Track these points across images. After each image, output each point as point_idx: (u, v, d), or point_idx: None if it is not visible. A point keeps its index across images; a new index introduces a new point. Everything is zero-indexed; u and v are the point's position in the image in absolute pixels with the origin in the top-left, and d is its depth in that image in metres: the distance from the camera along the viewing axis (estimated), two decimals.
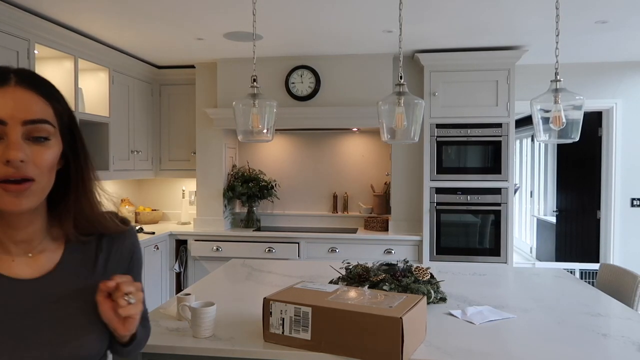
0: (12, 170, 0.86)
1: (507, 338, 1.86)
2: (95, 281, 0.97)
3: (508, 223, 4.28)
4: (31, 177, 0.88)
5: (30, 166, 0.88)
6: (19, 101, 0.88)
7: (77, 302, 0.97)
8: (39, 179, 0.90)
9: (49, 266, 0.98)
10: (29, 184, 0.88)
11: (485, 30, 3.75)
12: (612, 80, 4.73)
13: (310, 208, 5.08)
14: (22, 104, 0.88)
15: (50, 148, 0.91)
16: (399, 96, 2.35)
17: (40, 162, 0.89)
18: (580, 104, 2.18)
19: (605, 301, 2.36)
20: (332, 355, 1.63)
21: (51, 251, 0.99)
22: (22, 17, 3.20)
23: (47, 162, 0.90)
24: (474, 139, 4.30)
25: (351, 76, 4.51)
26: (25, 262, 0.96)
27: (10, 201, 0.87)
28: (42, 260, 0.97)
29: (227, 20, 3.52)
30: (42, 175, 0.90)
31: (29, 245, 0.97)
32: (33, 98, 0.90)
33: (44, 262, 0.97)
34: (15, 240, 0.95)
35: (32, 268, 0.96)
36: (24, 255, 0.96)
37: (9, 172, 0.86)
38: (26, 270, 0.95)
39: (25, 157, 0.86)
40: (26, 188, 0.88)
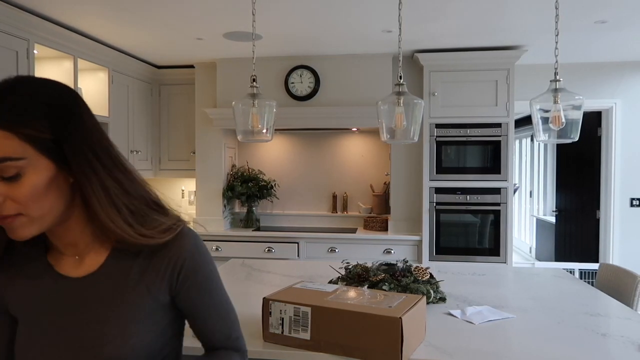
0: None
1: (506, 338, 1.86)
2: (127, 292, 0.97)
3: (507, 223, 4.28)
4: (13, 213, 0.86)
5: (8, 203, 0.85)
6: None
7: (106, 309, 0.96)
8: (26, 212, 0.87)
9: (92, 269, 0.99)
10: (16, 218, 0.87)
11: (484, 30, 3.75)
12: (611, 80, 4.73)
13: (310, 208, 5.09)
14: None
15: (25, 182, 0.85)
16: (398, 96, 2.35)
17: (18, 197, 0.86)
18: (580, 104, 2.18)
19: (605, 301, 2.36)
20: (331, 355, 1.63)
21: (97, 254, 0.99)
22: (22, 17, 3.20)
23: (25, 196, 0.86)
24: (474, 139, 4.30)
25: (351, 76, 4.51)
26: (73, 262, 0.99)
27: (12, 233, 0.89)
28: (87, 262, 0.99)
29: (226, 20, 3.52)
30: (27, 208, 0.87)
31: (76, 248, 0.99)
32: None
33: (89, 264, 0.99)
34: (64, 243, 0.98)
35: (78, 269, 0.99)
36: (72, 256, 1.00)
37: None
38: (73, 270, 0.99)
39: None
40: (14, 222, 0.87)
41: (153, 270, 0.99)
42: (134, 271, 0.98)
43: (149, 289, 0.99)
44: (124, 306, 0.96)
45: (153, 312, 0.99)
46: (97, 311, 0.95)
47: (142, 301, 0.98)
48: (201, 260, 1.04)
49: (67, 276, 0.98)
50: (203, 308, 1.06)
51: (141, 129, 4.81)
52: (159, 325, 1.01)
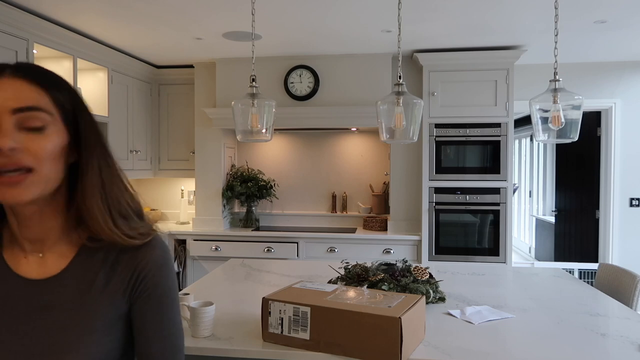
0: (3, 159, 0.82)
1: (506, 338, 1.86)
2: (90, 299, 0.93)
3: (507, 223, 4.28)
4: (28, 166, 0.84)
5: (25, 154, 0.84)
6: (9, 90, 0.84)
7: (66, 315, 0.91)
8: (38, 169, 0.85)
9: (54, 271, 0.93)
10: (25, 175, 0.84)
11: (484, 30, 3.75)
12: (611, 80, 4.74)
13: (309, 208, 5.08)
14: (12, 93, 0.84)
15: (47, 137, 0.86)
16: (397, 96, 2.35)
17: (36, 150, 0.85)
18: (579, 104, 2.18)
19: (604, 301, 2.36)
20: (330, 355, 1.63)
21: (62, 255, 0.95)
22: (21, 16, 3.19)
23: (45, 150, 0.86)
24: (473, 139, 4.30)
25: (350, 76, 4.51)
26: (35, 262, 0.94)
27: (8, 194, 0.84)
28: (50, 263, 0.94)
29: (226, 20, 3.52)
30: (42, 164, 0.85)
31: (42, 245, 0.94)
32: (24, 86, 0.86)
33: (52, 265, 0.94)
34: (28, 238, 0.93)
35: (40, 269, 0.93)
36: (35, 253, 0.94)
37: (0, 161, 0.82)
38: (34, 271, 0.93)
39: (16, 144, 0.83)
40: (22, 179, 0.84)
41: (118, 277, 0.95)
42: (100, 277, 0.94)
43: (113, 297, 0.95)
44: (88, 313, 0.92)
45: (114, 321, 0.95)
46: (59, 317, 0.90)
47: (105, 309, 0.94)
48: (165, 274, 0.99)
49: (27, 278, 0.92)
50: (152, 325, 0.97)
51: (140, 129, 4.81)
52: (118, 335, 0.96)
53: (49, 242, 0.94)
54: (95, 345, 0.91)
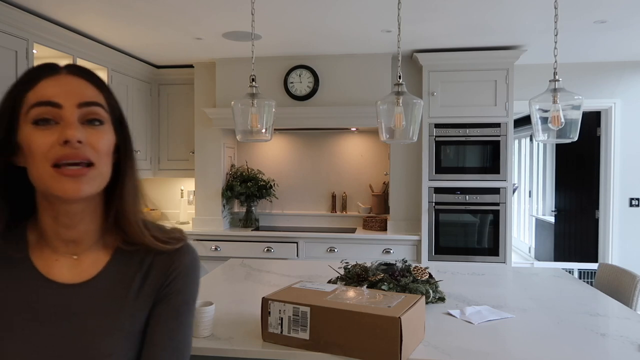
0: (71, 150, 0.82)
1: (505, 338, 1.86)
2: (127, 304, 0.90)
3: (507, 223, 4.28)
4: (90, 159, 0.84)
5: (88, 149, 0.84)
6: (72, 86, 0.86)
7: (103, 321, 0.88)
8: (98, 164, 0.86)
9: (89, 274, 0.90)
10: (88, 169, 0.84)
11: (484, 30, 3.75)
12: (610, 80, 4.74)
13: (309, 208, 5.08)
14: (76, 88, 0.86)
15: (105, 133, 0.88)
16: (397, 96, 2.35)
17: (97, 144, 0.85)
18: (579, 104, 2.18)
19: (604, 301, 2.37)
20: (330, 355, 1.63)
21: (97, 258, 0.92)
22: (21, 16, 3.19)
23: (104, 146, 0.87)
24: (473, 139, 4.30)
25: (350, 76, 4.51)
26: (68, 264, 0.90)
27: (69, 186, 0.82)
28: (85, 266, 0.90)
29: (225, 20, 3.52)
30: (101, 160, 0.86)
31: (76, 246, 0.91)
32: (84, 83, 0.88)
33: (86, 268, 0.90)
34: (64, 239, 0.89)
35: (72, 272, 0.90)
36: (69, 255, 0.90)
37: (67, 153, 0.82)
38: (66, 274, 0.89)
39: (83, 138, 0.83)
40: (85, 172, 0.83)
41: (152, 281, 0.93)
42: (136, 281, 0.92)
43: (147, 301, 0.93)
44: (125, 317, 0.90)
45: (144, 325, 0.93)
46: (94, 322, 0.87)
47: (140, 313, 0.92)
48: (190, 281, 0.97)
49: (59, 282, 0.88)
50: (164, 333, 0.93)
51: (140, 129, 4.81)
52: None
53: (85, 244, 0.91)
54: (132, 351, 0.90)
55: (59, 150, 0.81)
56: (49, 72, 0.86)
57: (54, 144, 0.82)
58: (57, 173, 0.81)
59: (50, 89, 0.84)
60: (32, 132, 0.82)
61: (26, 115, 0.83)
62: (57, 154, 0.81)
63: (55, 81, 0.85)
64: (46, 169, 0.82)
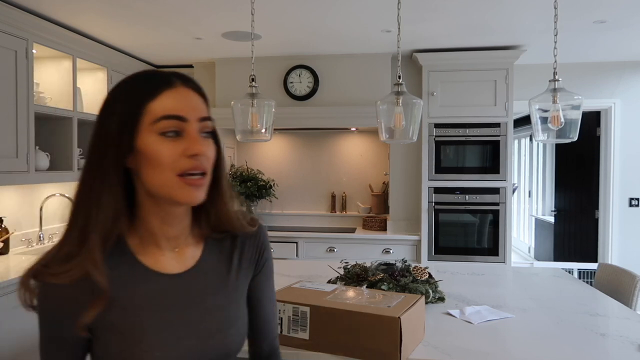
0: (196, 163, 0.91)
1: (505, 338, 1.86)
2: (231, 279, 1.05)
3: (506, 223, 4.28)
4: (206, 170, 0.94)
5: (205, 159, 0.93)
6: (192, 100, 0.93)
7: (218, 297, 1.02)
8: (208, 172, 0.95)
9: (191, 262, 1.02)
10: (204, 178, 0.94)
11: (483, 30, 3.75)
12: (610, 80, 4.74)
13: (309, 208, 5.08)
14: (195, 103, 0.94)
15: (212, 145, 0.97)
16: (397, 96, 2.35)
17: (210, 155, 0.95)
18: (579, 104, 2.18)
19: (604, 301, 2.36)
20: (330, 355, 1.63)
21: (193, 248, 1.03)
22: (20, 16, 3.19)
23: (213, 155, 0.96)
24: (473, 139, 4.30)
25: (350, 76, 4.51)
26: (172, 257, 1.00)
27: (193, 194, 0.92)
28: (186, 256, 1.02)
29: (225, 19, 3.52)
30: (210, 169, 0.96)
31: (176, 241, 1.01)
32: (199, 98, 0.95)
33: (187, 258, 1.02)
34: (168, 236, 0.99)
35: (178, 263, 1.00)
36: (171, 249, 1.00)
37: (194, 165, 0.91)
38: (173, 265, 1.00)
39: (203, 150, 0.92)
40: (203, 182, 0.94)
41: (247, 258, 1.09)
42: (234, 261, 1.07)
43: (246, 276, 1.09)
44: (233, 292, 1.05)
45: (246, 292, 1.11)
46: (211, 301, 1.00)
47: (243, 287, 1.08)
48: (269, 251, 1.16)
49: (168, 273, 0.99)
50: (266, 297, 1.14)
51: None
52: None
53: (182, 237, 1.02)
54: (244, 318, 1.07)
55: (186, 162, 0.90)
56: (167, 84, 0.93)
57: (180, 155, 0.90)
58: (182, 182, 0.91)
59: (174, 102, 0.91)
60: (159, 142, 0.90)
61: (152, 125, 0.90)
62: (184, 166, 0.90)
63: (176, 94, 0.92)
64: (171, 178, 0.90)
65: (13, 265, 3.10)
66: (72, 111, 3.74)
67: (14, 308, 2.80)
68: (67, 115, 3.71)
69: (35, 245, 3.74)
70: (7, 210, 3.57)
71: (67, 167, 3.75)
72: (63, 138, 3.75)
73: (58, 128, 3.74)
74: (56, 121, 3.72)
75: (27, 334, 2.88)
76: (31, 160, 3.30)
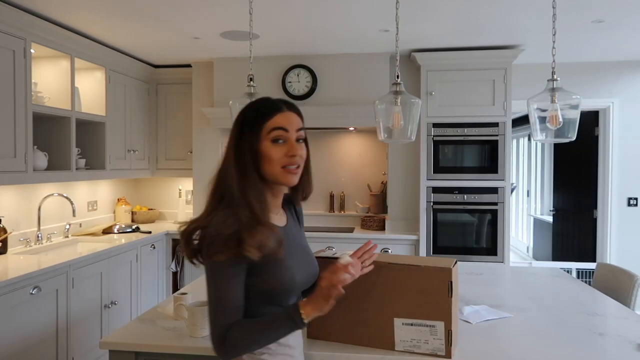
0: (294, 159, 1.38)
1: (504, 337, 1.86)
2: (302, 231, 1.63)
3: (505, 222, 4.28)
4: (300, 165, 1.41)
5: (299, 158, 1.40)
6: (291, 118, 1.41)
7: (303, 240, 1.58)
8: (301, 166, 1.43)
9: (285, 221, 1.52)
10: (298, 169, 1.41)
11: (482, 29, 3.75)
12: (609, 80, 4.74)
13: (307, 207, 5.05)
14: (294, 120, 1.41)
15: (304, 147, 1.44)
16: (395, 95, 2.34)
17: (303, 155, 1.42)
18: (577, 104, 2.18)
19: (602, 300, 2.37)
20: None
21: (282, 214, 1.53)
22: (18, 16, 3.18)
23: (304, 155, 1.43)
24: (471, 138, 4.30)
25: (348, 75, 4.50)
26: (277, 218, 1.49)
27: (291, 178, 1.40)
28: (282, 217, 1.52)
29: (223, 19, 3.51)
30: (302, 164, 1.43)
31: (277, 208, 1.51)
32: (296, 116, 1.43)
33: (283, 218, 1.52)
34: (275, 204, 1.49)
35: (281, 221, 1.50)
36: (275, 214, 1.48)
37: (291, 161, 1.38)
38: (279, 222, 1.48)
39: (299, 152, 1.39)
40: (297, 172, 1.41)
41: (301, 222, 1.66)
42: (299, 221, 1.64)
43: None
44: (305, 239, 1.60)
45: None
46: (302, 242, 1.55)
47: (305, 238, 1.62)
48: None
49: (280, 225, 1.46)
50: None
51: (138, 129, 4.80)
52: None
53: (278, 207, 1.52)
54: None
55: (287, 160, 1.38)
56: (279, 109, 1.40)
57: (284, 155, 1.37)
58: (285, 171, 1.39)
59: (281, 120, 1.38)
60: (271, 146, 1.37)
61: (267, 135, 1.37)
62: (286, 162, 1.38)
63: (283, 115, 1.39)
64: (278, 169, 1.38)
65: (11, 265, 3.09)
66: (70, 111, 3.74)
67: (14, 308, 2.80)
68: (65, 115, 3.70)
69: (34, 245, 3.74)
70: (5, 210, 3.56)
71: (65, 166, 3.74)
72: (61, 138, 3.75)
73: (56, 128, 3.74)
74: (54, 121, 3.71)
75: (27, 333, 2.88)
76: (29, 160, 3.30)
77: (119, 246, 3.90)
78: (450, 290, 1.56)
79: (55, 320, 3.15)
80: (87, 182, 4.52)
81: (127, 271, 4.03)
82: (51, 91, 3.70)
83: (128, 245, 4.03)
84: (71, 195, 4.08)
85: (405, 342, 1.62)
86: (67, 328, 3.25)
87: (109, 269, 3.74)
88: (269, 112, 1.39)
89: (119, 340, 1.81)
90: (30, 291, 2.89)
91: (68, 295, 3.26)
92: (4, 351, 2.73)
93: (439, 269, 1.57)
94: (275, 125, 1.37)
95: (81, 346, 3.39)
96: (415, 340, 1.61)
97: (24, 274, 2.84)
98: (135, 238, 4.22)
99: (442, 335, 1.57)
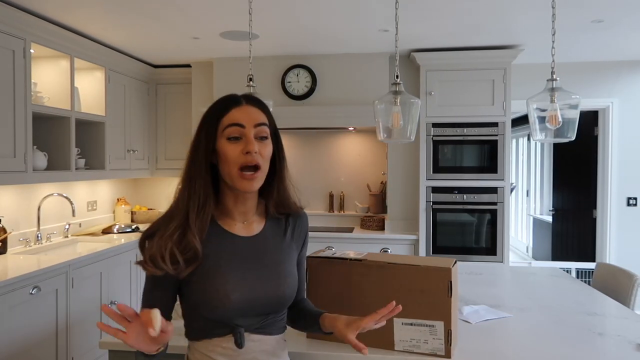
0: (250, 158, 1.25)
1: (503, 337, 1.86)
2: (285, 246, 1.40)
3: (504, 222, 4.28)
4: (259, 164, 1.26)
5: (259, 157, 1.26)
6: (250, 113, 1.29)
7: (275, 255, 1.36)
8: (263, 167, 1.28)
9: (257, 230, 1.37)
10: (257, 173, 1.27)
11: (481, 29, 3.75)
12: (608, 80, 4.74)
13: (307, 207, 5.04)
14: (253, 114, 1.29)
15: (268, 145, 1.30)
16: (395, 95, 2.34)
17: (263, 153, 1.28)
18: (577, 103, 2.18)
19: (602, 300, 2.37)
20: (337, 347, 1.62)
21: (258, 222, 1.38)
22: (18, 16, 3.18)
23: (267, 154, 1.30)
24: (470, 138, 4.30)
25: (347, 75, 4.50)
26: (242, 226, 1.36)
27: (245, 185, 1.27)
28: (252, 226, 1.37)
29: (223, 19, 3.51)
30: (264, 164, 1.29)
31: (245, 216, 1.36)
32: (257, 111, 1.31)
33: (254, 228, 1.37)
34: (240, 211, 1.35)
35: (247, 230, 1.36)
36: (241, 222, 1.36)
37: (247, 159, 1.25)
38: (244, 232, 1.35)
39: (257, 149, 1.26)
40: (255, 177, 1.27)
41: (298, 234, 1.45)
42: (288, 234, 1.42)
43: (296, 247, 1.44)
44: (287, 254, 1.39)
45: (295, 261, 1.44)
46: (272, 257, 1.35)
47: (293, 253, 1.42)
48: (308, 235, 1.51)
49: (240, 235, 1.34)
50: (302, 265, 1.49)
51: (138, 128, 4.80)
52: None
53: (250, 214, 1.37)
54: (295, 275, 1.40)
55: (243, 158, 1.25)
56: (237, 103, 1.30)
57: (240, 153, 1.25)
58: (240, 176, 1.26)
59: (238, 114, 1.28)
60: (227, 144, 1.27)
61: (223, 132, 1.27)
62: (242, 160, 1.25)
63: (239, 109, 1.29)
64: (235, 171, 1.26)
65: (11, 265, 3.09)
66: (70, 111, 3.74)
67: (14, 308, 2.80)
68: (65, 114, 3.70)
69: (33, 245, 3.74)
70: (5, 210, 3.56)
71: (64, 166, 3.74)
72: (61, 138, 3.74)
73: (56, 128, 3.74)
74: (54, 121, 3.71)
75: (26, 333, 2.88)
76: (29, 160, 3.30)
77: (119, 246, 3.90)
78: (449, 290, 1.56)
79: (55, 320, 3.15)
80: (86, 182, 4.52)
81: (126, 271, 4.03)
82: (51, 91, 3.70)
83: (128, 245, 4.03)
84: (71, 195, 4.08)
85: (405, 342, 1.62)
86: (67, 328, 3.25)
87: (108, 269, 3.74)
88: (225, 107, 1.30)
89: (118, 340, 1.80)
90: (29, 291, 2.89)
91: (68, 295, 3.26)
92: (4, 351, 2.73)
93: (438, 269, 1.57)
94: (230, 122, 1.27)
95: (81, 346, 3.39)
96: (414, 340, 1.61)
97: (24, 274, 2.84)
98: (135, 238, 4.21)
99: (442, 335, 1.57)
